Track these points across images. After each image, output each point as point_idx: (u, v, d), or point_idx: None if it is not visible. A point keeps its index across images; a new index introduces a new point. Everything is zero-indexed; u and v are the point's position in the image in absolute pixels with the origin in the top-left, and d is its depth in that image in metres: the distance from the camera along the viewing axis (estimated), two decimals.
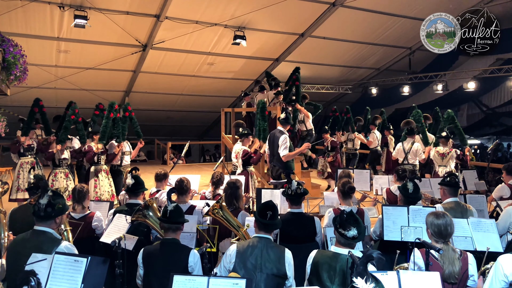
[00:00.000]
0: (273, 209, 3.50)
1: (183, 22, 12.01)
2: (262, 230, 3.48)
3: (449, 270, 3.19)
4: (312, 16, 13.09)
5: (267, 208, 3.49)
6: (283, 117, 6.80)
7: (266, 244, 3.41)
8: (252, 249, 3.38)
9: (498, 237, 4.08)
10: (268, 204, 3.55)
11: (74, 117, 8.18)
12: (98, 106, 8.87)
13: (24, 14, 10.68)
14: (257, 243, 3.41)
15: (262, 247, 3.38)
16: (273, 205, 3.57)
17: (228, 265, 3.39)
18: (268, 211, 3.46)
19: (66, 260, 2.93)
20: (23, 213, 4.28)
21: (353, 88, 19.18)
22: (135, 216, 3.92)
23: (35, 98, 8.54)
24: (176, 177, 5.04)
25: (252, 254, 3.36)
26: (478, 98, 18.56)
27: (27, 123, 8.49)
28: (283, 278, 3.37)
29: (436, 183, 5.35)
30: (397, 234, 4.20)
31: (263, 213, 3.47)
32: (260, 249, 3.37)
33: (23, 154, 8.09)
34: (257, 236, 3.47)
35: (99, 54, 13.01)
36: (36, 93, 14.12)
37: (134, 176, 4.58)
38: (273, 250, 3.40)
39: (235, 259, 3.37)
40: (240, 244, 3.48)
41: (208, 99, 17.53)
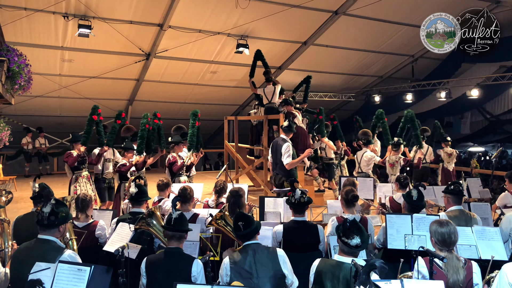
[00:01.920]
0: (243, 218, 3.51)
1: (186, 31, 12.09)
2: (245, 240, 3.50)
3: (453, 278, 3.17)
4: (315, 25, 13.16)
5: (237, 220, 3.51)
6: (286, 125, 6.80)
7: (256, 249, 3.42)
8: (244, 258, 3.38)
9: (503, 246, 4.05)
10: (237, 216, 3.57)
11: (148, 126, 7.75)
12: (121, 114, 8.43)
13: (29, 23, 10.79)
14: (248, 250, 3.42)
15: (253, 253, 3.39)
16: (242, 214, 3.60)
17: (225, 278, 3.39)
18: (239, 222, 3.48)
19: (70, 269, 2.93)
20: (28, 222, 4.29)
21: (356, 96, 19.20)
22: (138, 224, 3.92)
23: (94, 106, 7.90)
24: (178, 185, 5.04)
25: (245, 262, 3.36)
26: (482, 106, 18.51)
27: (87, 132, 7.69)
28: (282, 278, 3.37)
29: (440, 191, 5.33)
30: (401, 242, 4.18)
31: (236, 225, 3.49)
32: (252, 256, 3.38)
33: (78, 167, 7.42)
34: (246, 244, 3.49)
35: (102, 63, 13.10)
36: (40, 102, 14.30)
37: (138, 185, 4.58)
38: (265, 253, 3.41)
39: (230, 271, 3.37)
40: (231, 255, 3.48)
41: (211, 107, 17.58)
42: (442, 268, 3.22)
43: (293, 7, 11.56)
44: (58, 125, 16.65)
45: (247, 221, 3.49)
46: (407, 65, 17.00)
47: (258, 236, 3.64)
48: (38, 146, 13.71)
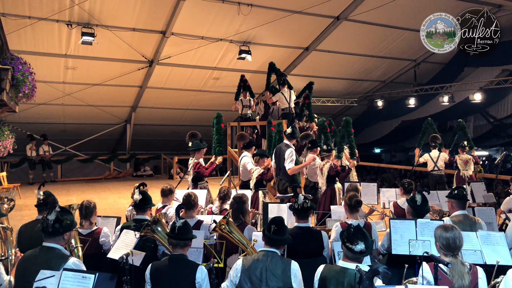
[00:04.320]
0: (278, 223, 3.50)
1: (188, 38, 12.15)
2: (268, 244, 3.48)
3: (458, 284, 3.15)
4: (317, 30, 13.19)
5: (272, 223, 3.50)
6: (289, 131, 6.82)
7: (272, 258, 3.39)
8: (256, 263, 3.37)
9: (508, 250, 4.03)
10: (275, 219, 3.55)
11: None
12: (221, 117, 8.49)
13: (32, 32, 10.88)
14: (262, 256, 3.40)
15: (267, 260, 3.37)
16: (280, 220, 3.56)
17: (235, 279, 3.38)
18: (272, 225, 3.47)
19: (74, 276, 2.93)
20: (32, 230, 4.29)
21: (359, 100, 19.20)
22: (144, 231, 3.93)
23: (217, 114, 7.89)
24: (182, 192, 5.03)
25: (257, 268, 3.35)
26: (485, 110, 18.50)
27: (219, 141, 7.37)
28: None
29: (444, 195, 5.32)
30: (405, 247, 4.16)
31: (269, 227, 3.48)
32: (264, 262, 3.36)
33: (201, 178, 6.93)
34: (263, 250, 3.47)
35: (106, 70, 13.17)
36: (44, 110, 14.36)
37: (142, 191, 4.58)
38: (278, 263, 3.38)
39: (240, 273, 3.37)
40: (245, 258, 3.48)
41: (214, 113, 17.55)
42: (447, 274, 3.20)
43: (295, 13, 11.60)
44: (62, 132, 16.71)
45: (281, 228, 3.47)
46: (410, 69, 16.99)
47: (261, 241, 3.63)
48: (42, 154, 13.74)
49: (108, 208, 8.78)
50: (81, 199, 5.19)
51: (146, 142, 18.91)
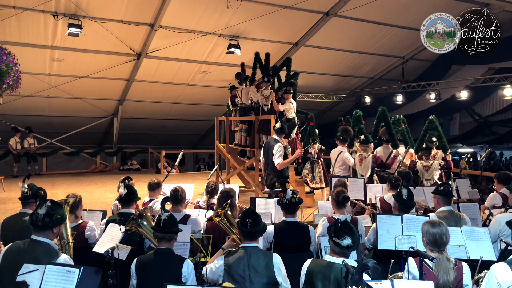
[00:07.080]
0: (253, 216, 3.51)
1: (177, 31, 12.05)
2: (246, 239, 3.48)
3: (443, 279, 3.18)
4: (306, 26, 13.18)
5: (247, 216, 3.50)
6: (278, 126, 6.81)
7: (252, 253, 3.40)
8: (238, 261, 3.37)
9: (492, 246, 4.09)
10: (248, 212, 3.56)
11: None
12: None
13: (18, 22, 10.67)
14: (243, 253, 3.40)
15: (248, 257, 3.37)
16: (253, 212, 3.58)
17: (215, 276, 3.39)
18: (248, 219, 3.47)
19: (58, 270, 2.89)
20: (15, 223, 4.24)
21: (347, 97, 19.27)
22: (129, 225, 3.90)
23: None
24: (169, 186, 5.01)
25: (239, 265, 3.35)
26: (471, 107, 18.69)
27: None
28: (275, 285, 3.36)
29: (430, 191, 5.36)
30: (391, 243, 4.19)
31: (244, 221, 3.48)
32: (246, 259, 3.36)
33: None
34: (243, 246, 3.47)
35: (93, 63, 13.00)
36: (29, 102, 14.15)
37: (127, 185, 4.55)
38: (260, 258, 3.38)
39: (223, 273, 3.36)
40: (226, 257, 3.46)
41: (202, 107, 17.53)
42: (433, 269, 3.24)
43: (285, 8, 11.57)
44: (48, 125, 16.50)
45: (255, 220, 3.49)
46: (398, 66, 17.09)
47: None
48: (27, 146, 13.55)
49: (94, 202, 8.71)
50: (66, 193, 5.13)
51: (133, 135, 18.77)
